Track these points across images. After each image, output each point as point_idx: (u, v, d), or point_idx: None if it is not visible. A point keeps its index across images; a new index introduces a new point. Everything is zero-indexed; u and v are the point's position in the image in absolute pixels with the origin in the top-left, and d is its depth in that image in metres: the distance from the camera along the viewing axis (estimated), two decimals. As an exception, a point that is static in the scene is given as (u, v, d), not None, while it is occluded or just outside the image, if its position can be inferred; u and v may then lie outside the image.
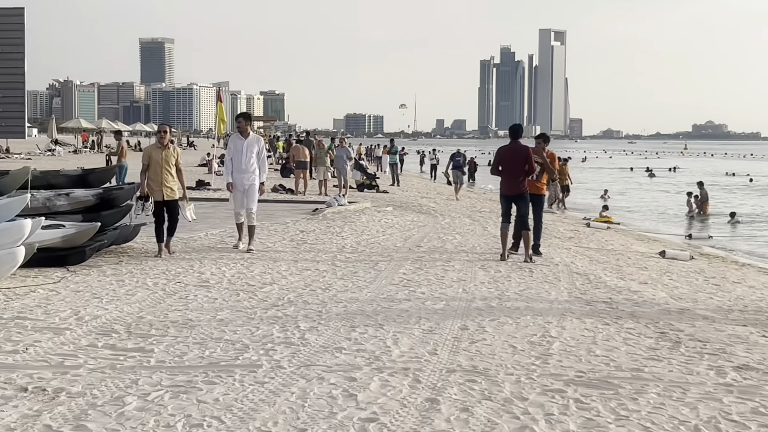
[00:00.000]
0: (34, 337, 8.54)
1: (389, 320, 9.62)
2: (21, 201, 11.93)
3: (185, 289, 11.35)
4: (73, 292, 10.97)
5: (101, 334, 8.71)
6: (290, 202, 27.05)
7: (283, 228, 18.86)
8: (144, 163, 14.24)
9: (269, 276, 12.46)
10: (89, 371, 7.35)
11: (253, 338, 8.65)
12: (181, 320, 9.43)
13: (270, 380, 7.17)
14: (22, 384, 6.92)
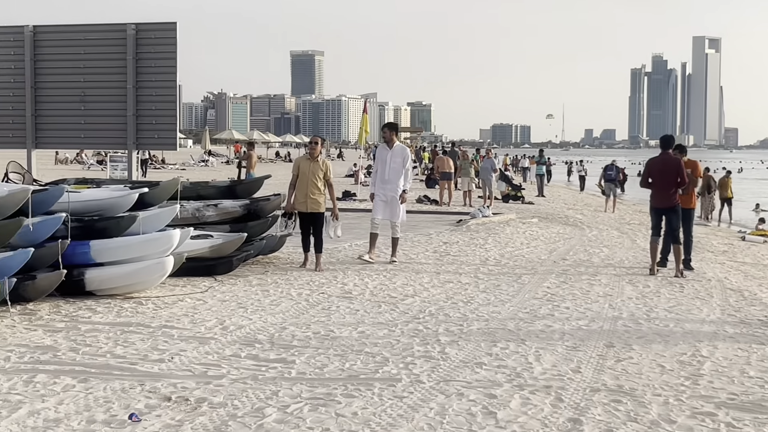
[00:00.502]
0: (179, 346, 8.70)
1: (531, 336, 9.42)
2: (171, 211, 12.22)
3: (328, 300, 11.40)
4: (219, 301, 11.16)
5: (245, 344, 8.80)
6: (434, 213, 27.02)
7: (427, 239, 18.81)
8: (294, 173, 14.28)
9: (411, 288, 12.41)
10: (231, 381, 7.43)
11: (394, 351, 8.60)
12: (323, 331, 9.46)
13: (409, 395, 7.09)
14: (166, 393, 7.03)
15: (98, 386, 7.20)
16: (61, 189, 11.01)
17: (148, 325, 9.60)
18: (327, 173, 14.22)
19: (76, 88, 17.06)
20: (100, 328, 9.44)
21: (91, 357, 8.17)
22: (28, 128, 17.18)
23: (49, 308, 10.40)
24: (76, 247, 10.96)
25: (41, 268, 10.64)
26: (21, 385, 7.20)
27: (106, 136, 17.58)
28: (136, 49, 16.61)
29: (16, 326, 9.42)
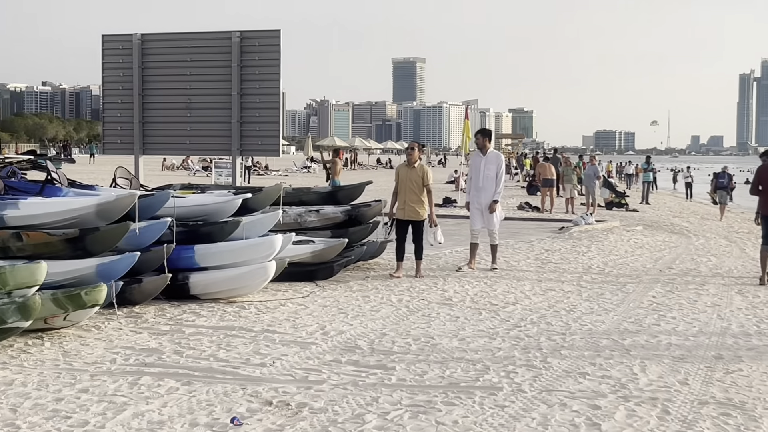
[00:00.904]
0: (281, 350, 8.75)
1: (636, 346, 9.21)
2: (273, 217, 12.32)
3: (428, 306, 11.34)
4: (320, 306, 11.21)
5: (345, 350, 8.81)
6: (536, 220, 26.75)
7: (528, 246, 18.61)
8: (396, 182, 14.17)
9: (512, 295, 12.28)
10: (332, 387, 7.43)
11: (494, 359, 8.50)
12: (423, 338, 9.40)
13: (510, 404, 6.99)
14: (267, 397, 7.07)
15: (201, 389, 7.28)
16: (167, 194, 11.20)
17: (251, 330, 9.68)
18: (425, 179, 13.98)
19: (182, 95, 17.37)
20: (203, 331, 9.56)
21: (195, 360, 8.27)
22: (136, 135, 17.55)
23: (154, 311, 10.58)
24: (181, 252, 11.14)
25: (147, 272, 10.83)
26: (126, 387, 7.32)
27: (211, 143, 17.86)
28: (240, 56, 16.84)
29: (122, 329, 9.60)
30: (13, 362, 8.08)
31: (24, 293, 8.68)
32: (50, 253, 9.95)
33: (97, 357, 8.34)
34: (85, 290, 9.12)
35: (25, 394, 7.06)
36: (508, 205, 31.43)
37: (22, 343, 8.77)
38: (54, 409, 6.67)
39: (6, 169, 12.66)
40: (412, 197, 13.88)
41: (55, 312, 8.97)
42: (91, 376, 7.63)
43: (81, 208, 10.23)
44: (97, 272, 9.89)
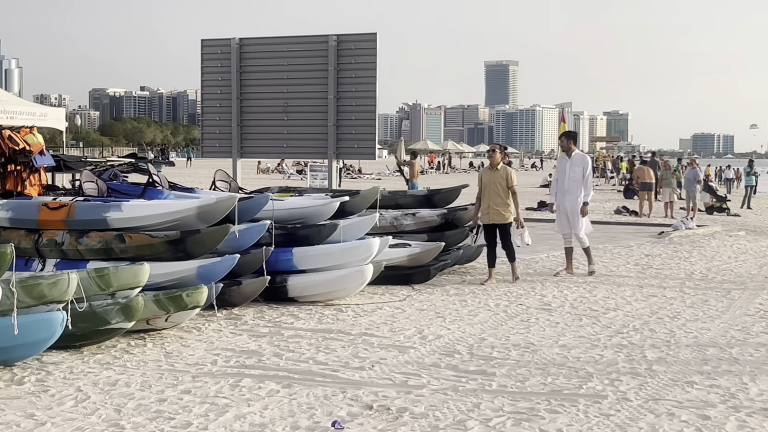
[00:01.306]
0: (379, 354, 8.70)
1: (745, 354, 8.92)
2: (370, 220, 12.31)
3: (527, 311, 11.19)
4: (417, 310, 11.14)
5: (444, 354, 8.72)
6: (634, 224, 26.28)
7: (627, 251, 18.26)
8: (479, 186, 13.92)
9: (613, 301, 12.03)
10: (432, 392, 7.35)
11: (597, 366, 8.31)
12: (523, 343, 9.27)
13: (616, 413, 6.82)
14: (367, 401, 7.03)
15: (301, 392, 7.27)
16: (265, 197, 11.27)
17: (349, 333, 9.67)
18: (509, 181, 13.61)
19: (280, 99, 17.52)
20: (302, 334, 9.58)
21: (294, 363, 8.28)
22: (234, 138, 17.76)
23: (253, 313, 10.64)
24: (279, 254, 11.19)
25: (246, 274, 10.91)
26: (228, 388, 7.36)
27: (308, 146, 17.98)
28: (337, 60, 16.92)
29: (222, 330, 9.68)
30: (116, 362, 8.19)
31: (127, 294, 8.82)
32: (152, 254, 10.09)
33: (198, 358, 8.41)
34: (187, 292, 9.22)
35: (129, 394, 7.15)
36: (605, 209, 31.01)
37: (125, 343, 8.90)
38: (157, 410, 6.73)
39: (108, 172, 12.90)
40: (497, 200, 13.53)
41: (157, 313, 9.08)
42: (192, 378, 7.69)
43: (182, 210, 10.35)
44: (198, 274, 10.00)
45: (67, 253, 10.38)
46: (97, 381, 7.53)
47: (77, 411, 6.68)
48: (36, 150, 18.00)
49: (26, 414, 6.57)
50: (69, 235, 10.36)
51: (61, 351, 8.39)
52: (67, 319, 7.96)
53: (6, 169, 18.26)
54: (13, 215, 10.70)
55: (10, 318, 7.42)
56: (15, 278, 7.58)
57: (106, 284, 8.64)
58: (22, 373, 7.69)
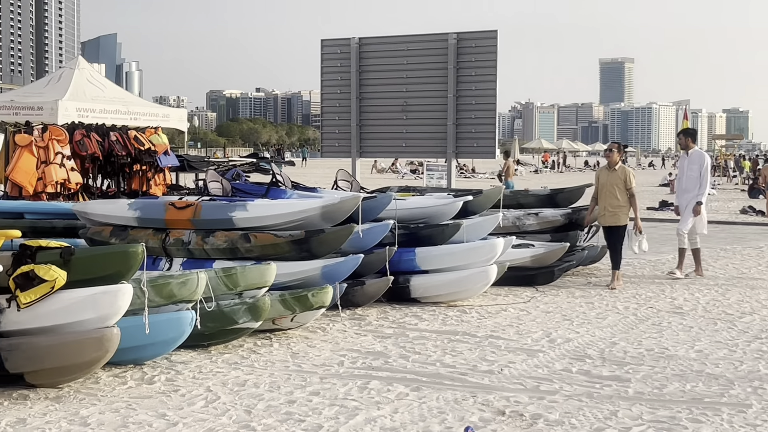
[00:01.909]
0: (507, 357, 8.50)
1: None
2: (493, 220, 12.09)
3: (658, 315, 10.82)
4: (543, 312, 10.89)
5: (575, 359, 8.47)
6: (761, 224, 25.35)
7: (758, 253, 17.58)
8: (595, 186, 13.45)
9: (748, 305, 11.54)
10: (565, 398, 7.12)
11: (738, 373, 7.95)
12: (657, 348, 8.93)
13: (763, 423, 6.49)
14: (499, 407, 6.84)
15: (431, 396, 7.13)
16: (389, 197, 11.16)
17: (474, 335, 9.48)
18: (627, 182, 13.02)
19: (399, 98, 17.44)
20: (427, 335, 9.43)
21: (422, 365, 8.14)
22: (353, 138, 17.74)
23: (376, 314, 10.55)
24: (402, 254, 11.07)
25: (369, 274, 10.82)
26: (356, 390, 7.26)
27: (426, 145, 17.85)
28: (457, 58, 16.74)
29: (347, 331, 9.60)
30: (244, 362, 8.18)
31: (254, 294, 8.81)
32: (276, 254, 10.08)
33: (324, 359, 8.34)
34: (312, 292, 9.18)
35: (258, 395, 7.11)
36: (729, 209, 30.01)
37: (251, 343, 8.89)
38: (287, 412, 6.67)
39: (231, 172, 13.00)
40: (613, 202, 12.96)
41: (282, 313, 9.06)
42: (320, 379, 7.61)
43: (306, 210, 10.31)
44: (322, 274, 9.96)
45: (193, 253, 10.45)
46: (226, 381, 7.52)
47: (208, 411, 6.67)
48: (161, 150, 18.38)
49: (158, 414, 6.59)
50: (195, 235, 10.43)
51: (189, 350, 8.43)
52: (196, 318, 7.99)
53: (132, 169, 18.71)
54: (141, 215, 10.82)
55: (141, 317, 7.46)
56: (146, 278, 7.63)
57: (233, 284, 8.65)
58: (153, 372, 7.73)
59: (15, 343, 7.01)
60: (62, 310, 7.07)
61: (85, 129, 17.22)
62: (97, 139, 17.16)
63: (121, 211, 11.03)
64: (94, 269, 7.32)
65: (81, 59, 24.62)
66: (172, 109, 26.97)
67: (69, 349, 7.04)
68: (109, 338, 7.09)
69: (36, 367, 7.02)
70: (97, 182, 17.83)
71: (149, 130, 18.34)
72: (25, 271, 7.00)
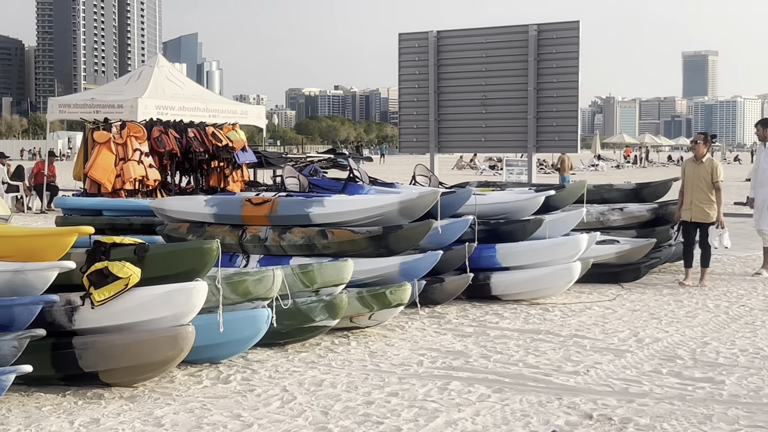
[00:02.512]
0: (593, 357, 8.19)
1: None
2: (577, 215, 11.76)
3: (750, 313, 10.38)
4: (629, 311, 10.53)
5: (664, 360, 8.12)
6: None
7: None
8: (681, 179, 12.89)
9: None
10: (656, 401, 6.79)
11: (840, 376, 7.53)
12: (751, 349, 8.53)
13: None
14: (586, 410, 6.54)
15: (513, 398, 6.86)
16: (468, 192, 10.90)
17: (558, 334, 9.18)
18: (714, 175, 12.37)
19: (477, 92, 17.18)
20: (508, 334, 9.16)
21: (504, 365, 7.87)
22: (431, 133, 17.52)
23: (456, 312, 10.30)
24: (482, 251, 10.81)
25: (448, 271, 10.58)
26: (436, 392, 7.02)
27: (506, 140, 17.59)
28: (537, 50, 16.42)
29: (426, 329, 9.37)
30: (321, 361, 8.00)
31: (331, 291, 8.63)
32: (354, 251, 9.90)
33: (403, 358, 8.11)
34: (390, 289, 8.98)
35: (336, 395, 6.91)
36: None
37: (329, 342, 8.72)
38: (365, 413, 6.46)
39: (308, 168, 12.85)
40: (700, 196, 12.40)
41: (360, 311, 8.88)
42: (399, 379, 7.39)
43: (384, 206, 10.10)
44: (400, 271, 9.74)
45: (270, 249, 10.32)
46: (302, 381, 7.34)
47: (284, 412, 6.49)
48: (238, 146, 18.37)
49: (233, 414, 6.44)
50: (272, 231, 10.30)
51: (265, 348, 8.28)
52: (272, 316, 7.84)
53: (209, 165, 18.74)
54: (218, 211, 10.73)
55: (216, 315, 7.33)
56: (221, 275, 7.50)
57: (310, 281, 8.48)
58: (228, 371, 7.60)
59: (89, 341, 6.92)
60: (136, 308, 6.96)
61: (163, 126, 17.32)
62: (175, 135, 17.25)
63: (197, 208, 10.96)
64: (168, 266, 7.20)
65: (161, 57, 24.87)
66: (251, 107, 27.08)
67: (143, 348, 6.93)
68: (184, 336, 6.97)
69: (110, 365, 6.93)
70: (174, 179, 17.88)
71: (227, 126, 18.38)
72: (99, 268, 6.91)
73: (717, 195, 12.45)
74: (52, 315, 6.90)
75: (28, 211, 24.45)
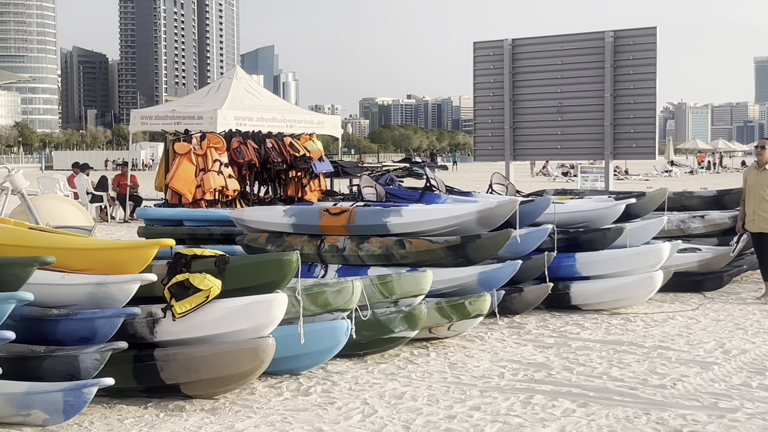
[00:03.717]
0: (679, 370, 7.85)
1: None
2: (658, 223, 11.40)
3: (840, 324, 9.94)
4: (713, 321, 10.15)
5: (753, 372, 7.76)
6: None
7: None
8: (743, 188, 12.04)
9: None
10: (748, 417, 6.46)
11: None
12: (844, 362, 8.13)
13: None
14: (675, 426, 6.24)
15: (599, 412, 6.58)
16: (547, 200, 10.61)
17: (641, 345, 8.85)
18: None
19: (553, 99, 16.88)
20: (590, 345, 8.86)
21: (587, 378, 7.59)
22: (507, 141, 17.25)
23: (535, 322, 10.02)
24: (562, 260, 10.53)
25: (527, 281, 10.32)
26: (519, 406, 6.77)
27: (582, 147, 17.23)
28: (614, 56, 16.07)
29: (505, 340, 9.12)
30: (401, 373, 7.80)
31: (410, 302, 8.44)
32: (431, 260, 9.70)
33: (484, 370, 7.87)
34: (469, 300, 8.77)
35: (417, 409, 6.70)
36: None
37: (408, 353, 8.51)
38: (447, 428, 6.24)
39: (385, 177, 12.68)
40: (763, 205, 11.55)
41: (439, 321, 8.68)
42: (480, 392, 7.15)
43: (462, 215, 9.86)
44: (479, 281, 9.51)
45: (348, 259, 10.15)
46: (383, 393, 7.15)
47: (365, 426, 6.30)
48: (315, 156, 18.27)
49: (313, 428, 6.26)
50: (350, 241, 10.13)
51: (345, 359, 8.11)
52: (352, 327, 7.68)
53: (287, 175, 18.67)
54: (296, 221, 10.60)
55: (297, 326, 7.18)
56: (300, 286, 7.35)
57: (389, 292, 8.29)
58: (308, 383, 7.43)
59: (171, 353, 6.82)
60: (217, 320, 6.84)
61: (242, 136, 17.28)
62: (254, 146, 17.18)
63: (276, 218, 10.84)
64: (248, 278, 7.08)
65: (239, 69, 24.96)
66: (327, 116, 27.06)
67: (224, 360, 6.80)
68: (265, 348, 6.83)
69: (191, 377, 6.82)
70: (253, 189, 17.85)
71: (304, 137, 18.27)
72: (180, 280, 6.82)
73: None
74: (134, 327, 6.82)
75: (111, 221, 24.71)
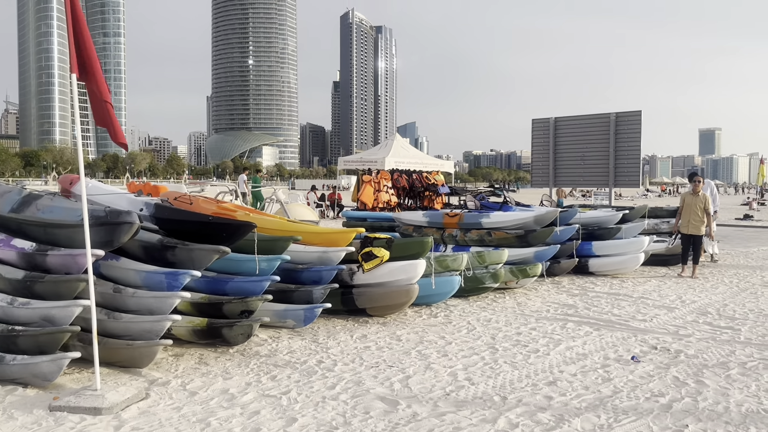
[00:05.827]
0: (654, 312, 7.51)
1: None
2: (640, 225, 10.87)
3: (753, 287, 9.24)
4: (675, 283, 9.60)
5: (700, 314, 7.35)
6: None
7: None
8: (680, 205, 10.46)
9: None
10: (697, 340, 6.15)
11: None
12: (756, 309, 7.60)
13: None
14: (652, 344, 6.00)
15: (607, 334, 6.38)
16: (575, 210, 10.33)
17: (631, 296, 8.50)
18: (706, 205, 10.09)
19: (578, 151, 16.30)
20: (601, 295, 8.56)
21: (599, 314, 7.35)
22: (551, 175, 16.80)
23: (567, 281, 9.74)
24: (584, 246, 10.20)
25: (563, 257, 10.05)
26: (558, 328, 6.63)
27: (595, 179, 16.53)
28: (616, 127, 15.42)
29: (549, 291, 8.91)
30: (489, 307, 7.72)
31: (495, 267, 8.36)
32: (507, 244, 9.58)
33: (537, 308, 7.73)
34: (529, 266, 8.63)
35: (498, 328, 6.63)
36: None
37: (493, 296, 8.42)
38: (516, 340, 6.18)
39: (479, 195, 12.56)
40: (695, 218, 10.12)
41: (511, 278, 8.56)
42: (536, 320, 7.04)
43: (525, 218, 9.72)
44: (535, 256, 9.32)
45: (458, 242, 10.13)
46: (479, 318, 7.12)
47: (469, 336, 6.31)
48: (439, 183, 18.29)
49: (438, 336, 6.31)
50: (460, 232, 10.11)
51: (457, 299, 8.11)
52: (461, 280, 7.67)
53: (424, 194, 18.78)
54: (430, 220, 10.65)
55: (431, 279, 7.24)
56: (433, 256, 7.40)
57: (482, 261, 8.24)
58: (436, 310, 7.47)
59: (362, 291, 6.98)
60: (387, 274, 6.95)
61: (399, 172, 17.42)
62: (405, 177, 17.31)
63: (418, 218, 10.91)
64: (404, 251, 7.16)
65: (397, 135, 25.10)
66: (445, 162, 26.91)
67: (391, 295, 6.92)
68: (413, 290, 6.91)
69: (373, 304, 6.96)
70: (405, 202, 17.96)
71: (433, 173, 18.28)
72: (367, 251, 6.97)
73: (708, 218, 10.54)
74: (341, 276, 7.01)
75: (327, 218, 25.32)
